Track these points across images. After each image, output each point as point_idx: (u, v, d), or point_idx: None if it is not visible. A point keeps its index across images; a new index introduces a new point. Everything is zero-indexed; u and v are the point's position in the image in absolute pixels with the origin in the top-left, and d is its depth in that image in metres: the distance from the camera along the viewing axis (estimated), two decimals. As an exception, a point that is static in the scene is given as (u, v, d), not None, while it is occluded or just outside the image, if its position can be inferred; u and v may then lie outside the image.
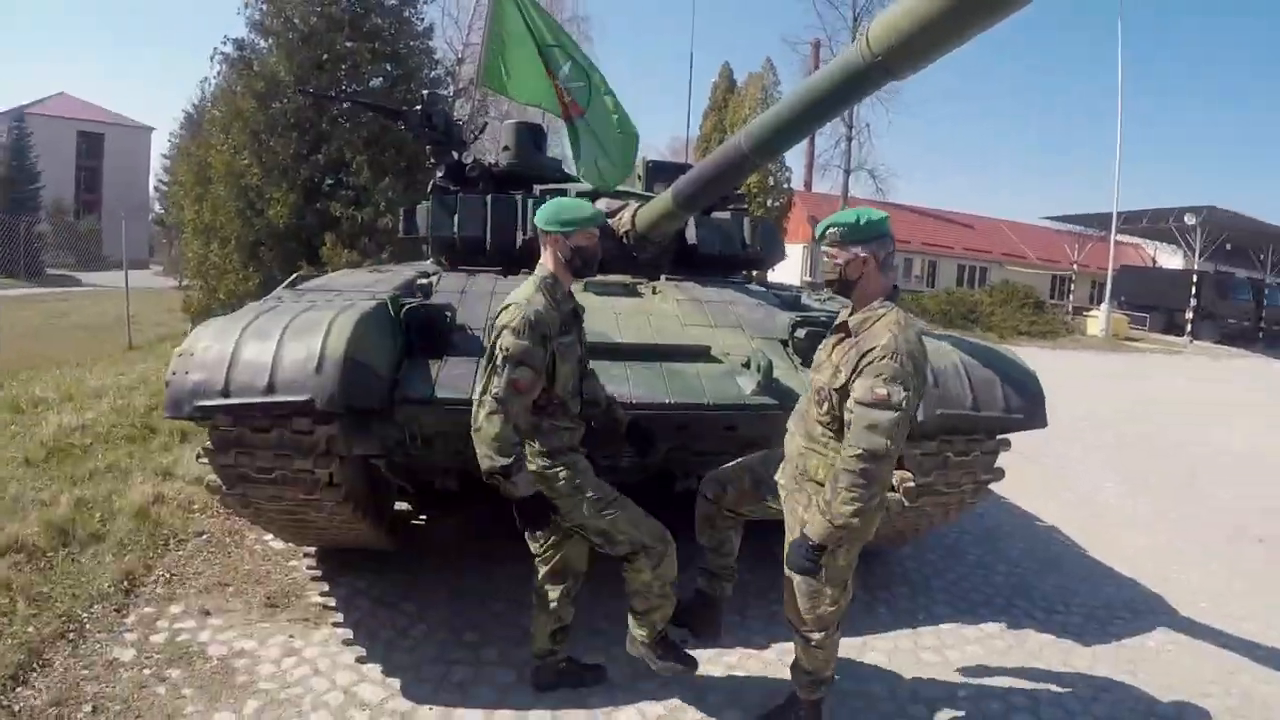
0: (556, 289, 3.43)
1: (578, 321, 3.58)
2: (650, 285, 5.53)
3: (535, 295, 3.34)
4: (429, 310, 4.25)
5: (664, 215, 5.23)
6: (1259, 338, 34.56)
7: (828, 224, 3.17)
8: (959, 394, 4.14)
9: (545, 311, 3.29)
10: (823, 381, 3.17)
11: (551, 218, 3.44)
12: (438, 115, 7.52)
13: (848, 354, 3.08)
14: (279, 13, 16.95)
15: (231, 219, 15.93)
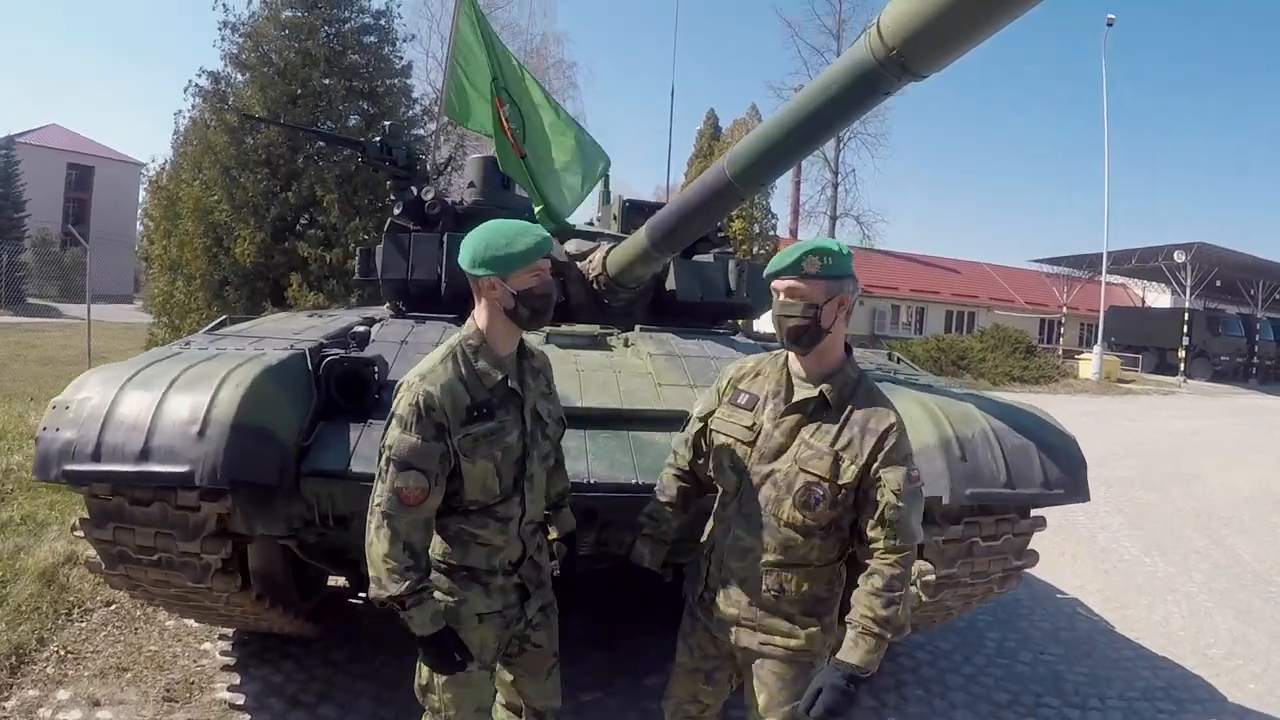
0: (479, 357, 2.56)
1: (514, 400, 2.63)
2: (622, 336, 4.89)
3: (438, 368, 2.51)
4: (353, 364, 3.63)
5: (638, 257, 4.58)
6: (1252, 374, 34.49)
7: (809, 250, 2.49)
8: (990, 468, 3.50)
9: (448, 393, 2.47)
10: (816, 475, 2.52)
11: (477, 257, 2.49)
12: (398, 147, 6.94)
13: (850, 440, 2.52)
14: (255, 47, 16.67)
15: (198, 256, 15.48)
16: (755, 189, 3.65)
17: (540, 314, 2.57)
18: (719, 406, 2.78)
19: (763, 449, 2.61)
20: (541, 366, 2.83)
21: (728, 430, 2.72)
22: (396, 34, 17.89)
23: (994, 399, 4.14)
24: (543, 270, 2.54)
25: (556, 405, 2.85)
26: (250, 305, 14.20)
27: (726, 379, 2.82)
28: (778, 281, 2.54)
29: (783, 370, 2.67)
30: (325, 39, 16.93)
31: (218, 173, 15.83)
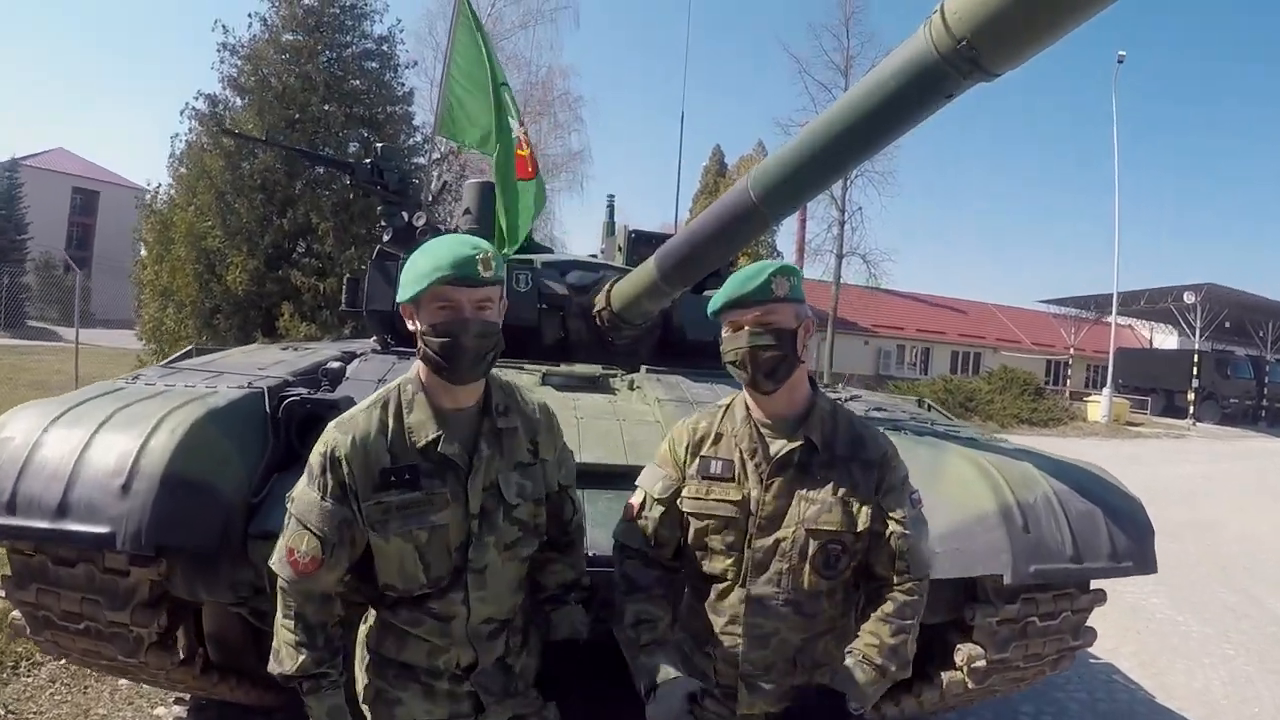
0: (412, 408, 2.08)
1: (453, 470, 2.08)
2: (626, 378, 4.41)
3: (359, 416, 2.07)
4: (316, 405, 3.16)
5: (646, 291, 4.12)
6: (1261, 417, 34.02)
7: (774, 270, 2.21)
8: (1055, 540, 3.04)
9: (359, 448, 2.01)
10: (831, 530, 2.22)
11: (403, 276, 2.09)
12: (391, 170, 6.50)
13: (852, 480, 2.25)
14: (254, 70, 16.41)
15: (189, 282, 15.15)
16: (781, 213, 3.18)
17: (446, 361, 1.98)
18: (685, 483, 2.36)
19: (760, 521, 2.25)
20: (527, 428, 2.23)
21: (712, 510, 2.31)
22: (399, 59, 17.70)
23: (1045, 455, 3.69)
24: (452, 303, 1.96)
25: (544, 478, 2.26)
26: (241, 334, 13.84)
27: (682, 446, 2.39)
28: (740, 312, 2.21)
29: (747, 423, 2.31)
30: (326, 64, 16.76)
31: (212, 198, 15.56)
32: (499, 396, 2.19)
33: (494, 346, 2.02)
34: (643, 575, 2.36)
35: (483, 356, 2.00)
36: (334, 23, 17.25)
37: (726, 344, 2.25)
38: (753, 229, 3.35)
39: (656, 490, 2.37)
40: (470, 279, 1.94)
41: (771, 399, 2.26)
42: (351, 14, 17.58)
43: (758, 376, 2.20)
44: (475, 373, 2.03)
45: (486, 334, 1.99)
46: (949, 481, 3.16)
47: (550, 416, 2.35)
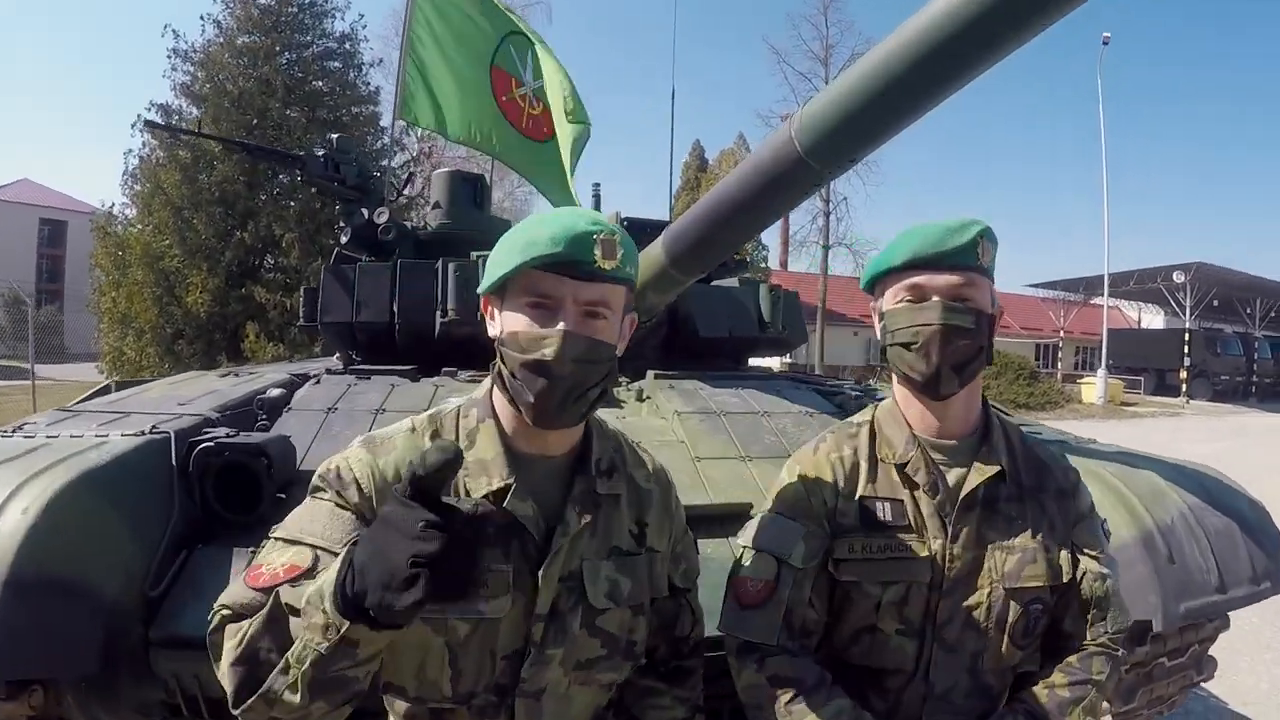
0: (474, 440, 1.48)
1: (519, 540, 1.44)
2: (633, 387, 3.66)
3: (399, 438, 1.48)
4: (236, 453, 2.41)
5: (652, 281, 3.36)
6: (1251, 393, 34.22)
7: (982, 229, 1.67)
8: (1201, 569, 2.55)
9: (396, 481, 1.38)
10: (1036, 587, 1.71)
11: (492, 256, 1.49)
12: (348, 164, 5.75)
13: (1048, 516, 1.76)
14: (209, 76, 15.61)
15: (148, 307, 14.37)
16: (837, 165, 2.38)
17: (526, 389, 1.38)
18: (836, 539, 1.74)
19: (948, 583, 1.71)
20: (634, 500, 1.60)
21: (887, 574, 1.71)
22: (362, 58, 16.99)
23: (1142, 453, 3.15)
24: (550, 299, 1.39)
25: (650, 577, 1.60)
26: (206, 359, 13.15)
27: (826, 485, 1.77)
28: (930, 275, 1.67)
29: (914, 446, 1.75)
30: (285, 65, 16.07)
31: (169, 214, 14.88)
32: (603, 449, 1.58)
33: (602, 379, 1.44)
34: (806, 669, 1.69)
35: (583, 392, 1.41)
36: (292, 22, 16.62)
37: (897, 319, 1.69)
38: (796, 190, 2.56)
39: (797, 556, 1.71)
40: (581, 266, 1.37)
41: (948, 409, 1.73)
42: (310, 12, 16.93)
43: (943, 372, 1.65)
44: (567, 416, 1.43)
45: (593, 358, 1.40)
46: None
47: (669, 488, 1.72)
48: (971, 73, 1.98)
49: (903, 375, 1.72)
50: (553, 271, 1.36)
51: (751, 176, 2.54)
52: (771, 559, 1.71)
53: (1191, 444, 18.35)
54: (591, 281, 1.38)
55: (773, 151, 2.44)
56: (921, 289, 1.66)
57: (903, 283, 1.69)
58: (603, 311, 1.41)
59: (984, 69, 2.00)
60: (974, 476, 1.70)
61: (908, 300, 1.68)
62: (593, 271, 1.37)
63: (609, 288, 1.41)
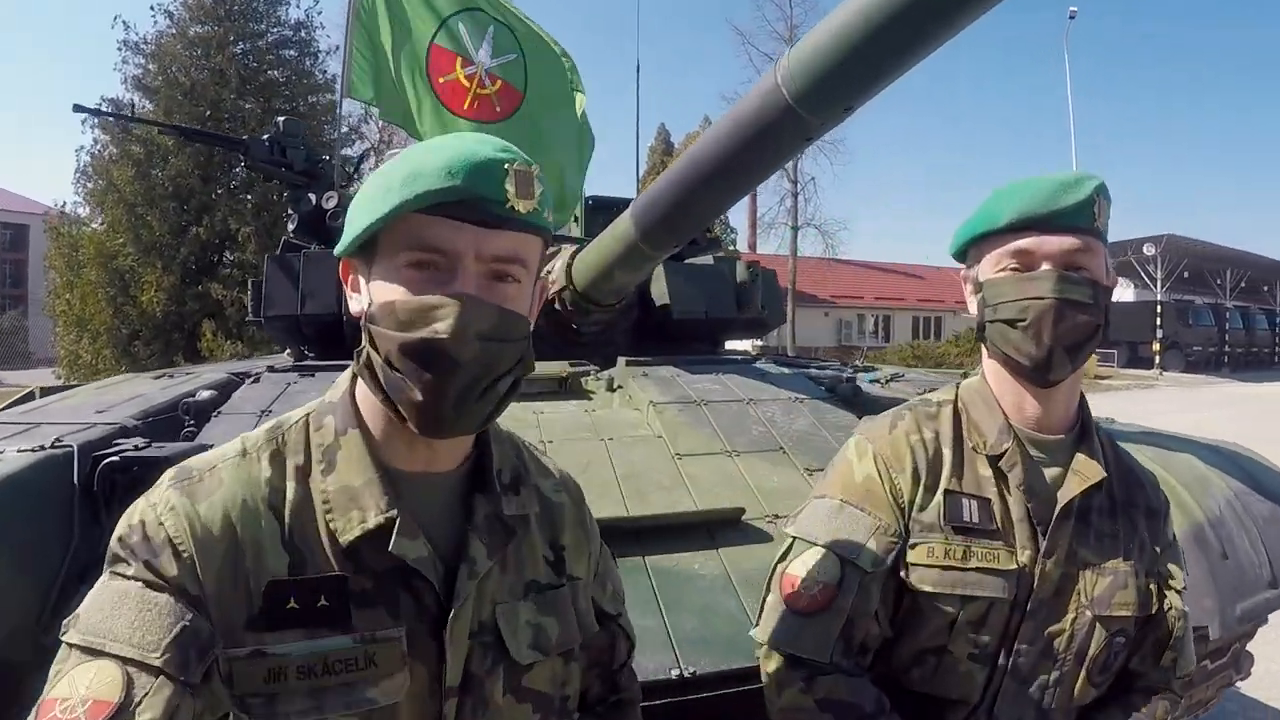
0: (334, 465, 1.09)
1: (413, 592, 1.08)
2: (603, 376, 3.34)
3: (224, 468, 1.08)
4: (144, 467, 2.06)
5: (620, 258, 3.05)
6: (1224, 363, 34.67)
7: (1098, 185, 1.42)
8: (1253, 564, 2.32)
9: (224, 531, 1.03)
10: (1127, 612, 1.48)
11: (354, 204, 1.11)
12: (295, 147, 5.39)
13: (1139, 537, 1.52)
14: (161, 69, 15.13)
15: (102, 308, 13.86)
16: (833, 114, 2.06)
17: (414, 385, 1.02)
18: (912, 540, 1.48)
19: (1033, 605, 1.46)
20: (546, 519, 1.27)
21: (971, 588, 1.45)
22: (318, 46, 16.56)
23: (1166, 432, 2.90)
24: (441, 254, 1.03)
25: (576, 612, 1.26)
26: (163, 360, 12.79)
27: (905, 471, 1.50)
28: (1040, 238, 1.41)
29: (1009, 437, 1.49)
30: (239, 55, 15.60)
31: (122, 211, 14.48)
32: (503, 456, 1.24)
33: (515, 364, 1.09)
34: (863, 694, 1.43)
35: (491, 384, 1.06)
36: (245, 10, 16.20)
37: (1001, 291, 1.44)
38: (785, 146, 2.23)
39: (867, 557, 1.45)
40: (487, 207, 1.02)
41: (1051, 397, 1.49)
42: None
43: (1055, 353, 1.40)
44: (468, 419, 1.08)
45: (504, 334, 1.05)
46: None
47: (581, 498, 1.39)
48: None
49: (1004, 357, 1.47)
50: (446, 215, 1.01)
51: (733, 132, 2.22)
52: (835, 558, 1.44)
53: (1170, 415, 18.31)
54: (501, 229, 1.03)
55: (757, 102, 2.12)
56: (1030, 255, 1.42)
57: (1007, 247, 1.44)
58: (514, 271, 1.06)
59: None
60: (1074, 480, 1.46)
61: (1013, 268, 1.44)
62: (503, 215, 1.02)
63: (523, 238, 1.06)
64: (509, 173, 1.02)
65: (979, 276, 1.50)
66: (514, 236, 1.04)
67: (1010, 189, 1.45)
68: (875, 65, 1.89)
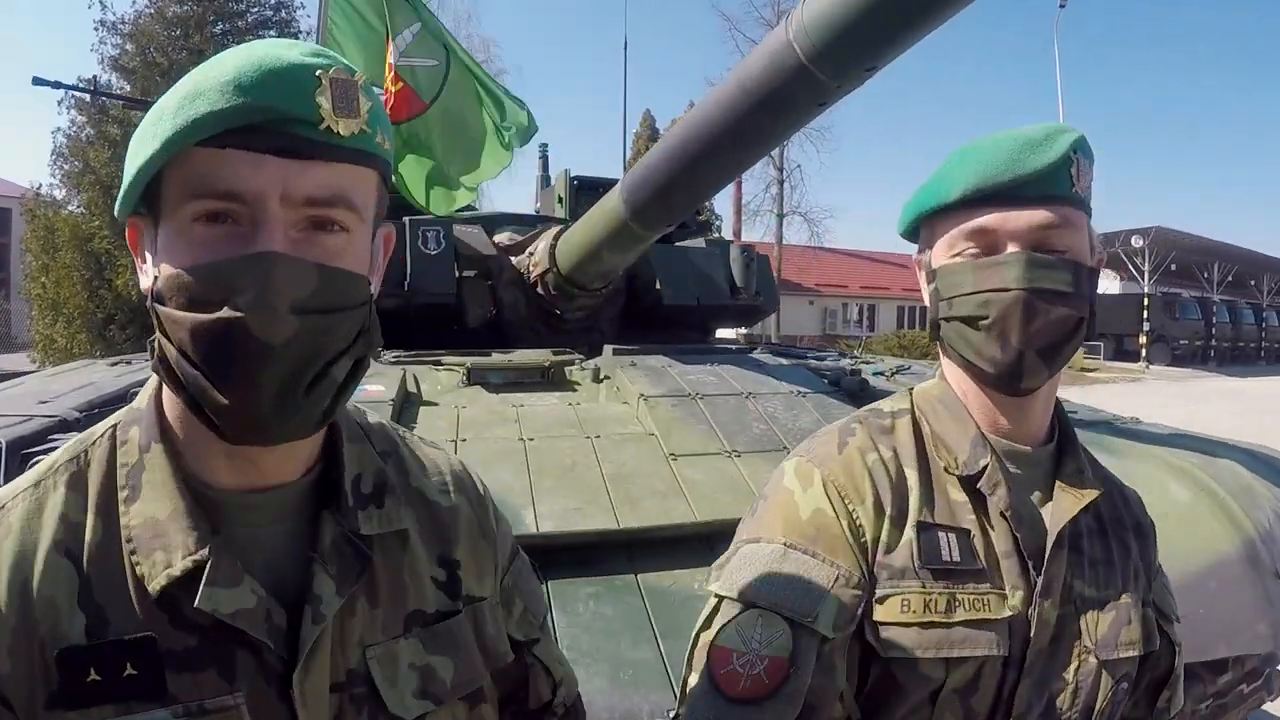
0: (138, 491, 0.83)
1: (245, 652, 0.83)
2: (588, 365, 3.11)
3: (12, 505, 0.83)
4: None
5: (608, 238, 2.82)
6: (1210, 356, 34.35)
7: (1076, 140, 1.14)
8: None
9: (9, 589, 0.80)
10: (1134, 653, 1.19)
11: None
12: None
13: (1131, 560, 1.25)
14: (139, 50, 14.83)
15: (77, 291, 13.58)
16: (852, 76, 1.83)
17: (217, 381, 0.77)
18: (879, 589, 1.14)
19: (1032, 656, 1.14)
20: (429, 529, 1.02)
21: (957, 647, 1.11)
22: (298, 26, 16.23)
23: (1200, 435, 2.70)
24: (236, 198, 0.76)
25: (476, 643, 1.01)
26: (138, 345, 12.37)
27: (866, 500, 1.17)
28: (1003, 211, 1.13)
29: (986, 452, 1.18)
30: (219, 35, 15.28)
31: (98, 193, 14.21)
32: (361, 459, 0.97)
33: (351, 342, 0.84)
34: None
35: (321, 371, 0.81)
36: (226, -11, 15.78)
37: (957, 281, 1.16)
38: (797, 111, 1.98)
39: (826, 618, 1.10)
40: (291, 129, 0.76)
41: (1025, 407, 1.19)
42: (245, -21, 16.17)
43: (1026, 358, 1.12)
44: (296, 420, 0.82)
45: (331, 302, 0.80)
46: (1155, 508, 1.95)
47: (483, 498, 1.11)
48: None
49: (965, 363, 1.18)
50: (240, 147, 0.75)
51: (737, 97, 1.98)
52: (782, 623, 1.09)
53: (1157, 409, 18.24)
54: (315, 160, 0.78)
55: (764, 61, 1.88)
56: (992, 235, 1.13)
57: (963, 226, 1.15)
58: (340, 217, 0.81)
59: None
60: (1066, 500, 1.17)
61: (971, 252, 1.15)
62: (317, 140, 0.77)
63: (349, 170, 0.81)
64: (322, 82, 0.77)
65: (932, 262, 1.22)
66: (335, 169, 0.79)
67: (965, 151, 1.18)
68: (906, 12, 1.65)
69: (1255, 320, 37.74)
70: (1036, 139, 1.12)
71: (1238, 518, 2.05)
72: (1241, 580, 1.92)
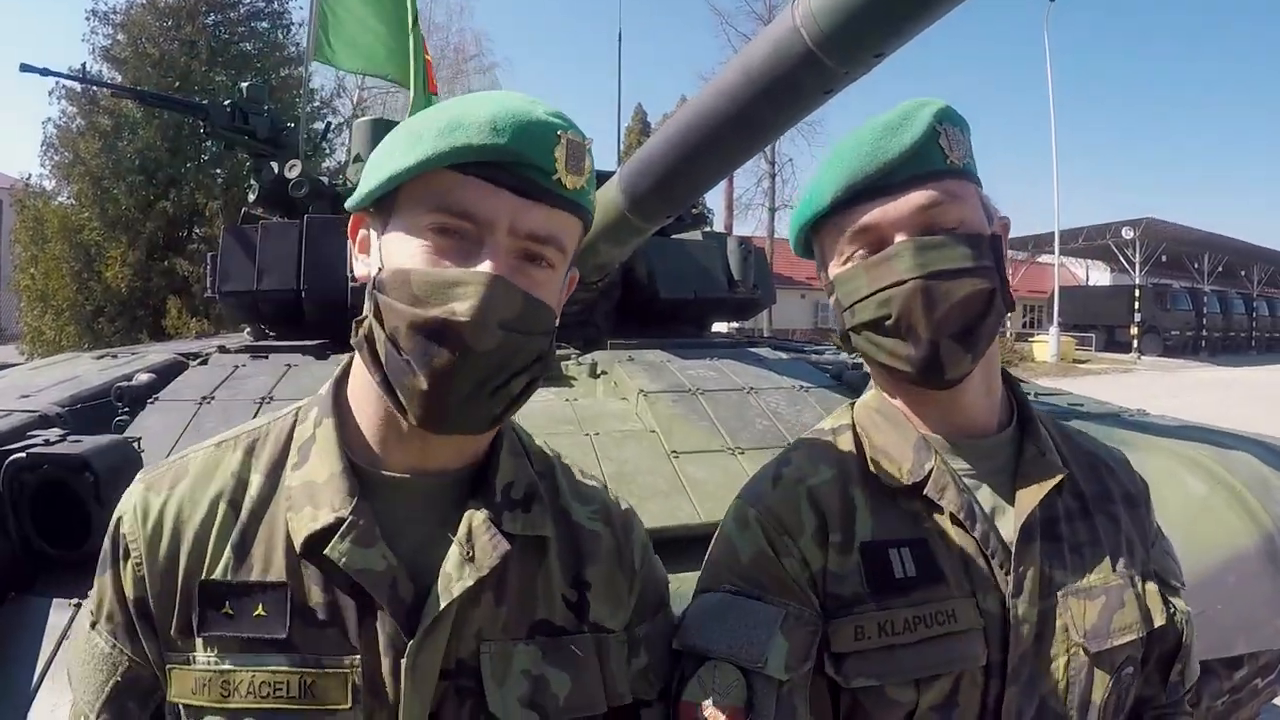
0: (307, 456, 0.99)
1: (368, 618, 0.93)
2: (585, 360, 3.06)
3: (197, 458, 1.03)
4: (57, 465, 1.78)
5: (606, 230, 2.77)
6: (1201, 347, 34.68)
7: (939, 111, 1.11)
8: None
9: (173, 525, 0.96)
10: (1132, 637, 1.13)
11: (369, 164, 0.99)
12: (258, 114, 5.16)
13: (1123, 533, 1.19)
14: (131, 40, 14.73)
15: (66, 283, 13.52)
16: (861, 62, 1.78)
17: (417, 371, 0.89)
18: (834, 621, 1.12)
19: (1015, 661, 1.09)
20: (569, 547, 1.07)
21: (925, 665, 1.09)
22: (291, 17, 16.15)
23: (1209, 426, 2.67)
24: (471, 221, 0.91)
25: (603, 671, 1.03)
26: (127, 338, 12.49)
27: (805, 531, 1.14)
28: (877, 205, 1.10)
29: (926, 452, 1.15)
30: (211, 26, 15.21)
31: (88, 185, 14.13)
32: (516, 469, 1.06)
33: (534, 360, 0.96)
34: None
35: (506, 380, 0.94)
36: (218, -21, 15.65)
37: (853, 287, 1.13)
38: (803, 99, 1.91)
39: (776, 661, 1.06)
40: (531, 175, 0.91)
41: (961, 398, 1.15)
42: (238, -31, 16.04)
43: (943, 347, 1.06)
44: (474, 416, 0.94)
45: (529, 326, 0.93)
46: (1171, 501, 1.95)
47: (631, 533, 1.14)
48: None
49: (884, 369, 1.14)
50: (484, 178, 0.89)
51: (741, 85, 1.92)
52: (735, 672, 1.06)
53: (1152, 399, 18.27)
54: (542, 203, 0.91)
55: (770, 47, 1.83)
56: (877, 230, 1.09)
57: (847, 230, 1.12)
58: (549, 254, 0.94)
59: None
60: (1030, 491, 1.13)
61: (860, 254, 1.12)
62: (547, 188, 0.91)
63: (565, 218, 0.94)
64: (561, 140, 0.91)
65: (829, 274, 1.19)
66: (555, 214, 0.93)
67: (831, 153, 1.14)
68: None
69: (1246, 310, 38.08)
70: (894, 122, 1.09)
71: (1255, 511, 2.01)
72: (1260, 575, 1.89)
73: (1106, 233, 34.60)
